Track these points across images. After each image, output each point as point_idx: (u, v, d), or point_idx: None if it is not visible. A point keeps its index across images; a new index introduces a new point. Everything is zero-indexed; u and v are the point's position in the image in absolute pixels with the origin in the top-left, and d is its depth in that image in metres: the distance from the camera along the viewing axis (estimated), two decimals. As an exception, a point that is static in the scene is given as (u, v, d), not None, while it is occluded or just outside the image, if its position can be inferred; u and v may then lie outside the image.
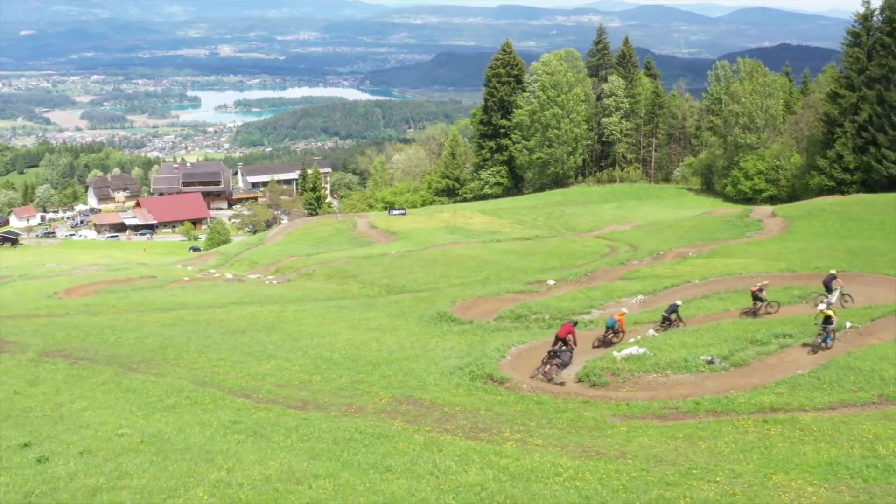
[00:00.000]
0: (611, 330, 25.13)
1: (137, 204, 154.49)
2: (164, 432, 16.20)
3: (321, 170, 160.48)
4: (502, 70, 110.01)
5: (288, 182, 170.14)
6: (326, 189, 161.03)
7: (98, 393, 19.83)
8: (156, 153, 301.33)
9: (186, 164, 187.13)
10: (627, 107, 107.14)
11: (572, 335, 22.57)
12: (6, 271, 56.79)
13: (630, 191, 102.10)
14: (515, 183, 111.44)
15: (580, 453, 15.14)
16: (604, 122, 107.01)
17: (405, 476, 13.31)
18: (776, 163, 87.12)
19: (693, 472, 13.69)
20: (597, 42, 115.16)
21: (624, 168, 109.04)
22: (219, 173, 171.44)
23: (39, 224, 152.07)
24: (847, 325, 23.48)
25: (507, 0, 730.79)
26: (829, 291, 27.32)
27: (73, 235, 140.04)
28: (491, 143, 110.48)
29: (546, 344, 23.68)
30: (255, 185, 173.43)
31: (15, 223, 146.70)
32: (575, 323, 24.11)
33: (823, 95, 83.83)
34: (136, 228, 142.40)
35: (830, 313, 22.03)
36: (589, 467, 13.90)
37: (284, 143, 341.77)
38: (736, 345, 22.74)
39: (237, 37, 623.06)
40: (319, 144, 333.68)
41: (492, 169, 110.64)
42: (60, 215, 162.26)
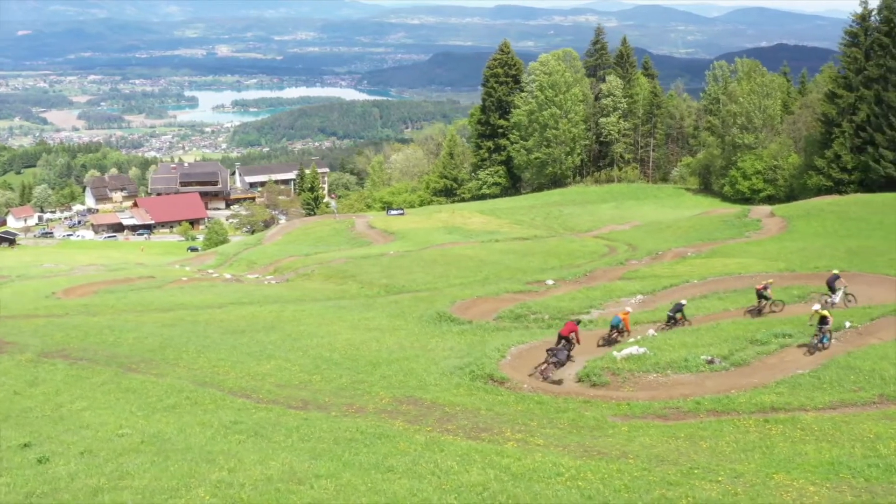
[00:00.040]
0: (615, 329, 25.17)
1: (135, 204, 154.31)
2: (165, 432, 16.17)
3: (319, 170, 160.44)
4: (500, 70, 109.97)
5: (286, 182, 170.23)
6: (324, 189, 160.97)
7: (98, 393, 19.78)
8: (153, 153, 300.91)
9: (184, 165, 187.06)
10: (625, 107, 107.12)
11: (575, 334, 22.61)
12: (4, 272, 56.71)
13: (628, 191, 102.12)
14: (513, 183, 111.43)
15: (582, 453, 15.13)
16: (602, 122, 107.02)
17: (407, 476, 13.30)
18: (774, 163, 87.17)
19: (695, 472, 13.68)
20: (594, 42, 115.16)
21: (622, 168, 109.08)
22: (216, 173, 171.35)
23: (37, 224, 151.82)
24: (847, 325, 23.51)
25: (505, 0, 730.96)
26: (833, 291, 27.35)
27: (71, 236, 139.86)
28: (489, 143, 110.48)
29: (546, 343, 23.66)
30: (253, 186, 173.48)
31: (12, 223, 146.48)
32: (578, 322, 24.17)
33: (821, 95, 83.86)
34: (134, 228, 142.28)
35: (826, 313, 22.00)
36: (591, 467, 13.89)
37: (282, 144, 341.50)
38: (736, 344, 22.76)
39: (234, 37, 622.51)
40: (317, 144, 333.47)
41: (490, 169, 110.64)
42: (58, 215, 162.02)
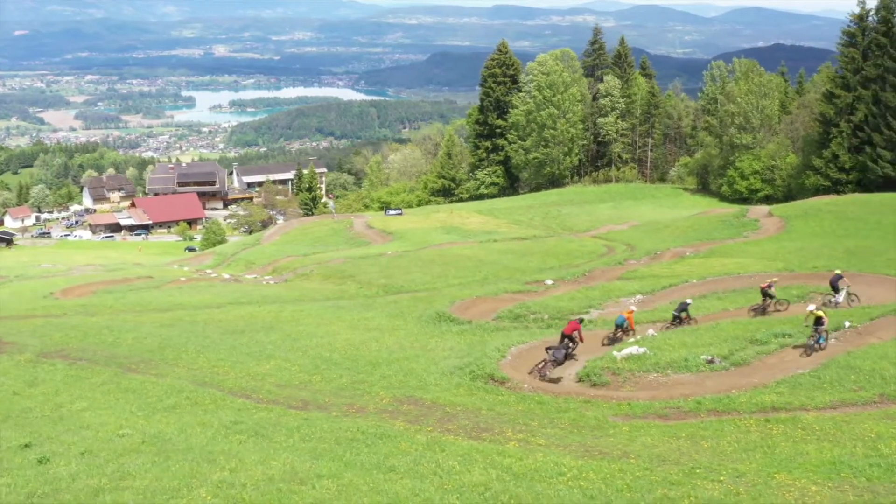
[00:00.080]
0: (620, 328, 25.17)
1: (133, 204, 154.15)
2: (166, 433, 16.13)
3: (316, 170, 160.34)
4: (498, 70, 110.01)
5: (283, 182, 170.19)
6: (322, 189, 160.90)
7: (98, 393, 19.73)
8: (150, 153, 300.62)
9: (181, 165, 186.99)
10: (623, 107, 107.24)
11: (578, 332, 22.64)
12: (2, 272, 56.61)
13: (626, 191, 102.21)
14: (511, 183, 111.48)
15: (583, 453, 15.12)
16: (600, 122, 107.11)
17: (409, 476, 13.28)
18: (772, 163, 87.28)
19: (696, 472, 13.67)
20: (592, 42, 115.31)
21: (620, 168, 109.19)
22: (214, 173, 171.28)
23: (34, 224, 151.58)
24: (846, 325, 23.52)
25: (502, 0, 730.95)
26: (836, 291, 27.42)
27: (69, 236, 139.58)
28: (487, 143, 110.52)
29: (546, 343, 23.66)
30: (251, 186, 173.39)
31: (10, 223, 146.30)
32: (581, 320, 24.19)
33: (819, 95, 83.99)
34: (132, 229, 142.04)
35: (821, 314, 21.95)
36: (592, 467, 13.88)
37: (279, 144, 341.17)
38: (736, 344, 22.75)
39: (232, 37, 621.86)
40: (314, 144, 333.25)
41: (488, 169, 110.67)
42: (55, 216, 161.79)
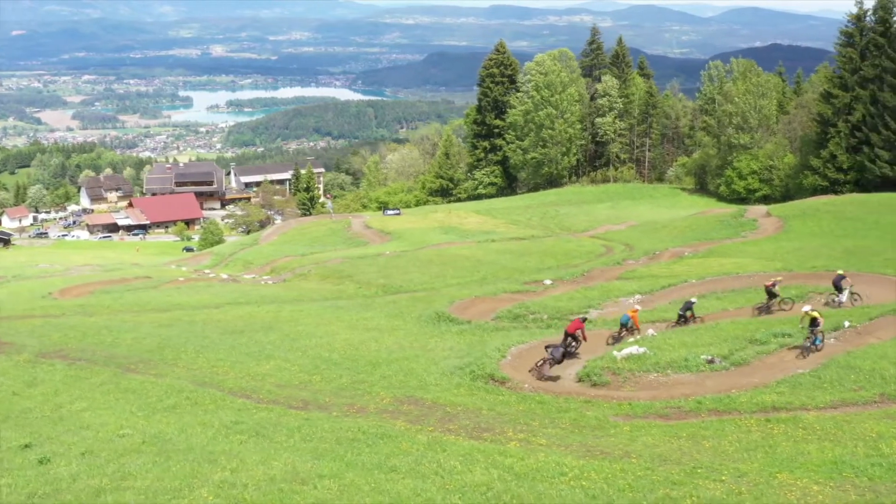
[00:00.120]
0: (624, 327, 25.18)
1: (130, 204, 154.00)
2: (166, 433, 16.11)
3: (314, 170, 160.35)
4: (496, 70, 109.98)
5: (281, 182, 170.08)
6: (319, 189, 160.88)
7: (97, 394, 19.69)
8: (147, 153, 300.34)
9: (179, 165, 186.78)
10: (621, 107, 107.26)
11: (581, 331, 22.63)
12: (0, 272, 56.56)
13: (624, 191, 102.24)
14: (509, 183, 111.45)
15: (584, 453, 15.11)
16: (597, 122, 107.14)
17: (410, 476, 13.29)
18: (770, 163, 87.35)
19: (698, 471, 13.68)
20: (590, 42, 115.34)
21: (618, 168, 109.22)
22: (211, 173, 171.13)
23: (32, 224, 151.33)
24: (846, 325, 23.53)
25: (499, 0, 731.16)
26: (840, 291, 27.52)
27: (66, 236, 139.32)
28: (485, 143, 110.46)
29: (546, 343, 23.64)
30: (248, 186, 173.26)
31: (7, 223, 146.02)
32: (584, 319, 24.19)
33: (817, 95, 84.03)
34: (129, 229, 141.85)
35: (816, 315, 21.91)
36: (594, 467, 13.89)
37: (276, 143, 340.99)
38: (735, 344, 22.74)
39: (229, 37, 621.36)
40: (311, 144, 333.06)
41: (486, 169, 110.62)
42: (53, 216, 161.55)
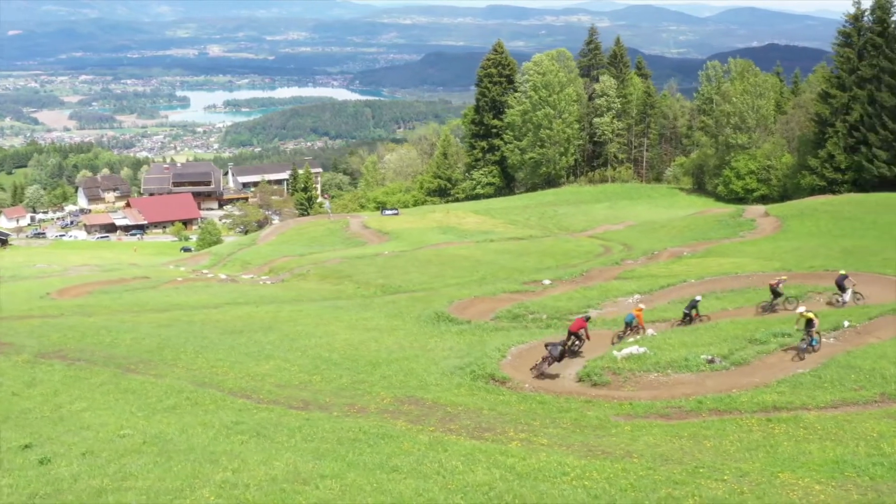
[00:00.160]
0: (629, 326, 25.20)
1: (128, 204, 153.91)
2: (167, 433, 16.07)
3: (312, 170, 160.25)
4: (494, 70, 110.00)
5: (278, 182, 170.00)
6: (317, 189, 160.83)
7: (97, 394, 19.64)
8: (145, 153, 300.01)
9: (176, 165, 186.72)
10: (619, 107, 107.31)
11: (584, 330, 22.64)
12: (-3, 272, 56.45)
13: (622, 191, 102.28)
14: (507, 183, 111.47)
15: (586, 452, 15.11)
16: (595, 122, 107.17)
17: (412, 476, 13.28)
18: (767, 162, 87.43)
19: (700, 471, 13.69)
20: (588, 42, 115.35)
21: (616, 168, 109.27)
22: (209, 173, 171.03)
23: (29, 225, 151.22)
24: (845, 324, 23.55)
25: (497, 0, 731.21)
26: (843, 290, 27.59)
27: (64, 236, 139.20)
28: (483, 143, 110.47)
29: (546, 342, 23.62)
30: (246, 186, 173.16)
31: (4, 224, 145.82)
32: (587, 318, 24.18)
33: (814, 95, 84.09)
34: (127, 229, 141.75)
35: (811, 315, 21.84)
36: (595, 466, 13.89)
37: (274, 144, 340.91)
38: (735, 344, 22.74)
39: (226, 37, 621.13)
40: (309, 144, 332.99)
41: (484, 169, 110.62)
42: (50, 216, 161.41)
